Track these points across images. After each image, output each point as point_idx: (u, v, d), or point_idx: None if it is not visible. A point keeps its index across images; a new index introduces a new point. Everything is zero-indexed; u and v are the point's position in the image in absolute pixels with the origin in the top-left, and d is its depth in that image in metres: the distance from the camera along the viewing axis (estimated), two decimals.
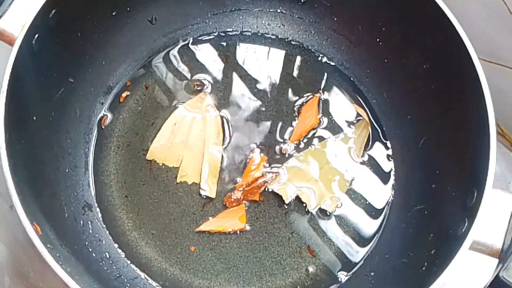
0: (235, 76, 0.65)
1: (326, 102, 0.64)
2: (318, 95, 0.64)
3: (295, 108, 0.63)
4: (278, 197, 0.59)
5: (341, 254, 0.58)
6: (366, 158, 0.62)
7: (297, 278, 0.57)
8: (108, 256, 0.56)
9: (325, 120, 0.63)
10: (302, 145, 0.62)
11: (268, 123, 0.63)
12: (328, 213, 0.59)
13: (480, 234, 0.45)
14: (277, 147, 0.61)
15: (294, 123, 0.63)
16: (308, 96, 0.64)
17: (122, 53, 0.64)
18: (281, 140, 0.62)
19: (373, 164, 0.62)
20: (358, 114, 0.64)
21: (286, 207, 0.59)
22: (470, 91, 0.50)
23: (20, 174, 0.46)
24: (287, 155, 0.61)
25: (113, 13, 0.60)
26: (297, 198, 0.59)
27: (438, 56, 0.55)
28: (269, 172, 0.60)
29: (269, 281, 0.57)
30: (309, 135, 0.62)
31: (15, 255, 0.59)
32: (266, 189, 0.59)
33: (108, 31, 0.61)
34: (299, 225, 0.59)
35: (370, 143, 0.62)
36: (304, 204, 0.59)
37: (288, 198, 0.59)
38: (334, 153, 0.62)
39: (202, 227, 0.58)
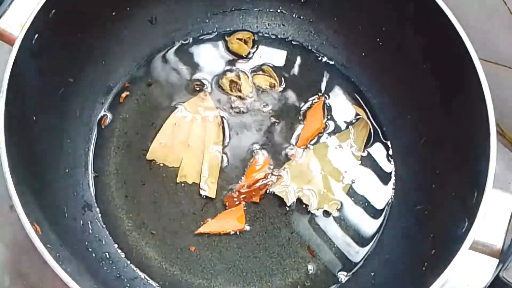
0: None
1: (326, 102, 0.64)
2: (323, 99, 0.64)
3: (301, 112, 0.63)
4: (278, 197, 0.59)
5: (341, 254, 0.58)
6: (365, 154, 0.62)
7: (297, 278, 0.57)
8: (108, 256, 0.56)
9: (330, 124, 0.63)
10: (308, 150, 0.62)
11: (269, 124, 0.63)
12: (328, 213, 0.59)
13: (480, 234, 0.45)
14: (283, 152, 0.61)
15: (296, 122, 0.63)
16: (312, 100, 0.64)
17: (122, 53, 0.64)
18: (287, 144, 0.62)
19: (373, 165, 0.62)
20: (358, 113, 0.64)
21: (286, 207, 0.59)
22: (470, 91, 0.50)
23: (20, 174, 0.46)
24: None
25: (113, 13, 0.60)
26: (298, 200, 0.59)
27: (438, 56, 0.55)
28: (271, 175, 0.60)
29: (269, 281, 0.57)
30: (314, 140, 0.62)
31: (15, 255, 0.59)
32: (268, 191, 0.59)
33: (108, 31, 0.61)
34: (299, 225, 0.59)
35: (371, 143, 0.62)
36: (305, 205, 0.59)
37: (289, 200, 0.59)
38: (335, 153, 0.62)
39: (201, 229, 0.58)
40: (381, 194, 0.60)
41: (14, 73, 0.47)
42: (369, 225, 0.59)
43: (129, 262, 0.57)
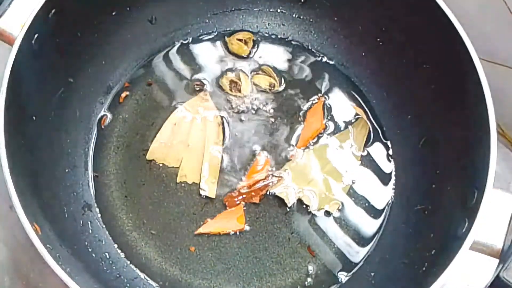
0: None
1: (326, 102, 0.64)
2: (323, 99, 0.64)
3: (301, 112, 0.63)
4: (279, 198, 0.59)
5: (341, 255, 0.58)
6: (365, 154, 0.62)
7: (297, 278, 0.57)
8: (108, 256, 0.56)
9: (330, 125, 0.63)
10: (308, 151, 0.62)
11: (269, 125, 0.63)
12: (329, 214, 0.59)
13: (481, 234, 0.45)
14: (283, 152, 0.61)
15: (295, 123, 0.63)
16: (312, 100, 0.64)
17: (122, 53, 0.64)
18: (287, 145, 0.62)
19: (373, 165, 0.62)
20: (357, 113, 0.64)
21: (286, 207, 0.59)
22: (470, 91, 0.50)
23: (20, 174, 0.46)
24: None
25: (113, 13, 0.60)
26: (299, 200, 0.59)
27: (438, 56, 0.55)
28: (272, 176, 0.60)
29: (269, 281, 0.57)
30: (314, 140, 0.62)
31: (15, 255, 0.59)
32: (268, 193, 0.59)
33: (108, 31, 0.61)
34: (299, 225, 0.59)
35: (370, 142, 0.62)
36: (305, 206, 0.59)
37: (289, 201, 0.59)
38: (335, 153, 0.62)
39: (201, 229, 0.58)
40: (381, 194, 0.60)
41: (14, 73, 0.47)
42: (369, 225, 0.59)
43: (129, 262, 0.57)
